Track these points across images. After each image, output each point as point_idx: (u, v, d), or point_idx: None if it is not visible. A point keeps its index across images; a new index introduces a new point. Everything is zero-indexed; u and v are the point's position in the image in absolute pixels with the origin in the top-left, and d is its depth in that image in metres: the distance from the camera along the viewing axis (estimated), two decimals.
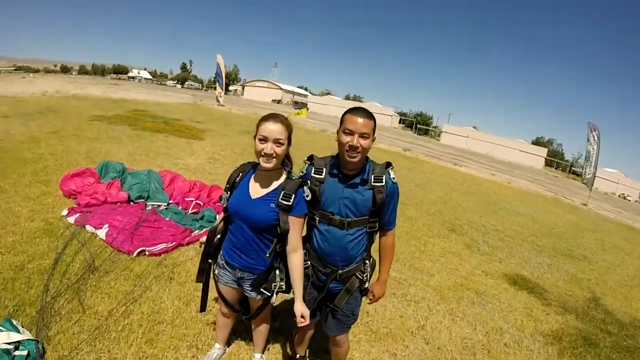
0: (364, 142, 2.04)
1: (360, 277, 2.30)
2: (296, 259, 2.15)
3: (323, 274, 2.29)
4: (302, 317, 2.11)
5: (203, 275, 2.38)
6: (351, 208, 2.14)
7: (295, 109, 36.16)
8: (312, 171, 2.21)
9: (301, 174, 2.24)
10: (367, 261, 2.32)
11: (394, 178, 2.19)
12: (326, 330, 2.47)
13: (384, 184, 2.13)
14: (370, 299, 2.42)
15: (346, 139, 2.04)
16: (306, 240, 2.32)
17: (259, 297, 2.26)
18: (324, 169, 2.19)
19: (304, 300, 2.20)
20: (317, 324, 2.59)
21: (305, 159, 2.29)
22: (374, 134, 2.10)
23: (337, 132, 2.13)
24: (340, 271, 2.26)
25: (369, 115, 2.08)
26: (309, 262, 2.31)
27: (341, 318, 2.37)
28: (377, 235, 2.35)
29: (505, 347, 3.79)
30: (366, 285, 2.36)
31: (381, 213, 2.20)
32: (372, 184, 2.12)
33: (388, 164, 2.23)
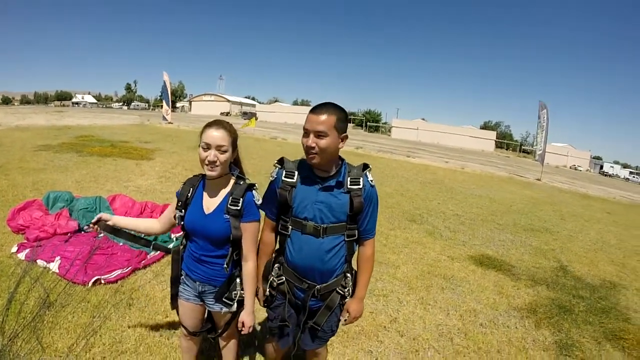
0: (321, 142, 1.91)
1: (341, 292, 2.17)
2: (247, 267, 2.11)
3: (300, 289, 2.15)
4: (243, 325, 2.13)
5: (176, 300, 2.33)
6: (326, 213, 2.02)
7: (245, 119, 36.02)
8: (283, 175, 2.09)
9: (271, 178, 2.13)
10: (348, 274, 2.18)
11: (372, 181, 2.08)
12: (303, 346, 2.30)
13: (361, 187, 2.02)
14: (345, 319, 2.23)
15: (303, 140, 1.97)
16: (279, 252, 2.21)
17: (223, 310, 2.18)
18: (296, 172, 2.08)
19: (284, 319, 2.17)
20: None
21: (276, 162, 2.17)
22: (339, 132, 1.95)
23: None
24: (318, 286, 2.11)
25: (328, 111, 1.93)
26: (283, 278, 2.18)
27: (320, 334, 2.24)
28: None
29: (482, 327, 3.81)
30: (347, 300, 2.23)
31: (359, 219, 2.09)
32: (349, 187, 2.02)
33: (365, 166, 2.11)
